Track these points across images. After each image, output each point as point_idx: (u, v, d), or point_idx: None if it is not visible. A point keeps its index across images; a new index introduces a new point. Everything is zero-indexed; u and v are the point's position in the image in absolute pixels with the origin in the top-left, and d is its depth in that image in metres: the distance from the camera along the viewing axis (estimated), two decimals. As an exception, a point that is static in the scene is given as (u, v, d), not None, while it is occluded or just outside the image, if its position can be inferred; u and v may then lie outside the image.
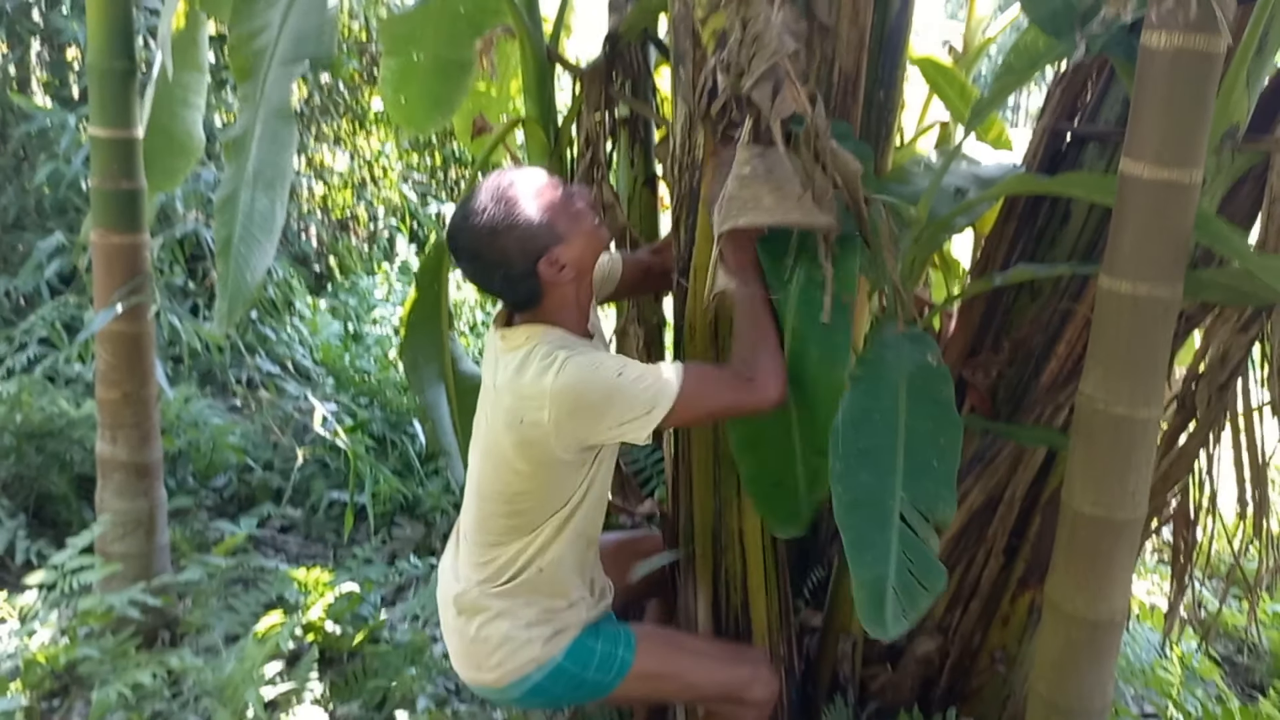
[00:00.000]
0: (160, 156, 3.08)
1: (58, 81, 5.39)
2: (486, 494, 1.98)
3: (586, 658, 2.02)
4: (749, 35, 1.91)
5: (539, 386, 1.81)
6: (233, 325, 1.94)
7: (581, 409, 1.81)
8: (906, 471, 1.70)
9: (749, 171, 1.82)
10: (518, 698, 2.05)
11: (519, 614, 1.99)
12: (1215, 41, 1.58)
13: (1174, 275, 1.64)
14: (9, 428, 3.73)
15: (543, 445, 1.85)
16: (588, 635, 2.03)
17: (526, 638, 1.98)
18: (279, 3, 2.05)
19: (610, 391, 1.81)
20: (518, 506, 1.95)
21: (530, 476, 1.91)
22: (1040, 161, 2.29)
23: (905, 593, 1.62)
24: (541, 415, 1.81)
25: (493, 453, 1.94)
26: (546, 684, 2.00)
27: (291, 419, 4.61)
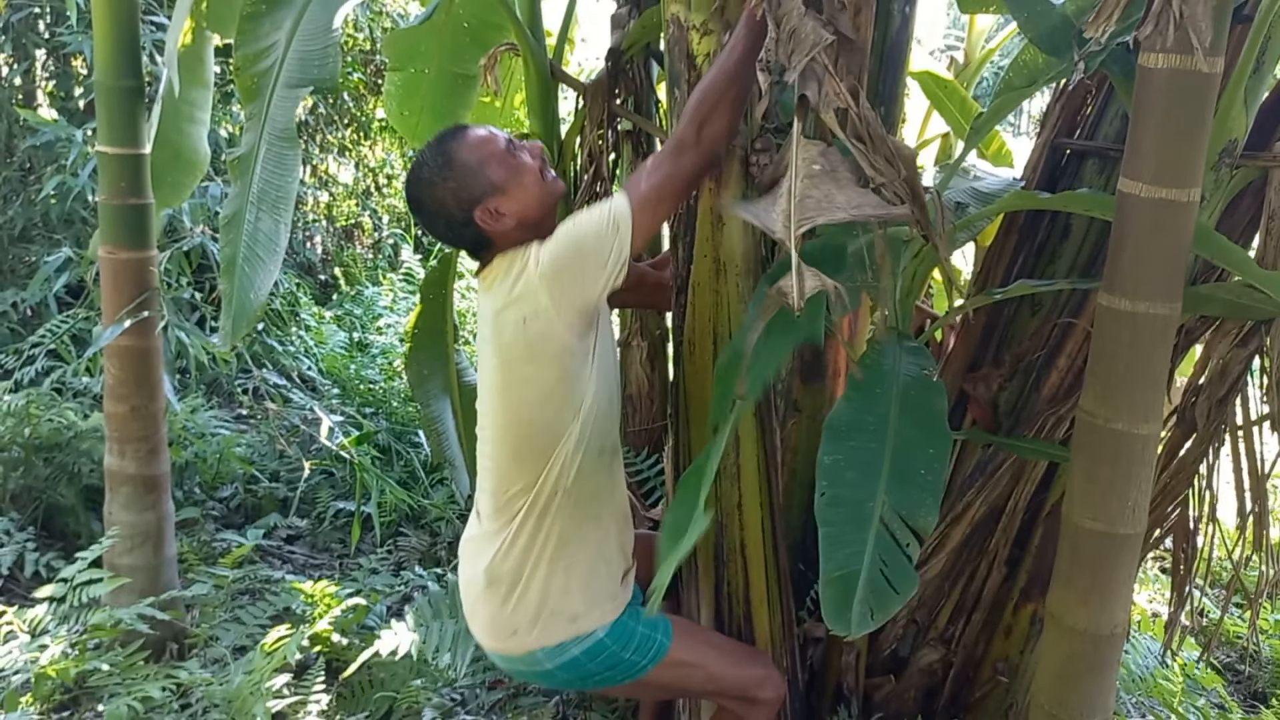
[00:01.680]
0: (167, 172, 3.11)
1: (63, 94, 5.42)
2: (501, 431, 1.99)
3: (627, 638, 2.02)
4: (784, 32, 1.91)
5: (527, 280, 1.86)
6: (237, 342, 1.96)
7: (565, 269, 1.85)
8: (892, 477, 1.71)
9: (818, 169, 1.81)
10: (550, 671, 2.04)
11: (554, 578, 1.98)
12: (1212, 61, 1.60)
13: (1172, 293, 1.66)
14: (17, 440, 3.75)
15: (550, 333, 1.87)
16: (629, 616, 2.04)
17: (563, 605, 1.98)
18: (284, 25, 2.07)
19: (576, 239, 1.86)
20: (537, 420, 1.95)
21: (541, 379, 1.92)
22: (1040, 176, 2.31)
23: (875, 594, 1.62)
24: (539, 301, 1.85)
25: (501, 387, 1.96)
26: (584, 659, 2.01)
27: (298, 430, 4.64)
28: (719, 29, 2.04)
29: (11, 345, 4.59)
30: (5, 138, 5.05)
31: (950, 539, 2.34)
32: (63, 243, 4.88)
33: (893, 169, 1.81)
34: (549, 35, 3.11)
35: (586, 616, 2.00)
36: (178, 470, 4.10)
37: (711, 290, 2.15)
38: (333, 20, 2.04)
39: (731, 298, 2.14)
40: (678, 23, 2.08)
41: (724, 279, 2.14)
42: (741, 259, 2.12)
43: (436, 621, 2.87)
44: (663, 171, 1.87)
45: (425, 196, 1.94)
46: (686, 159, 1.86)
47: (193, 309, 5.11)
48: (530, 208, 1.94)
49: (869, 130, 1.79)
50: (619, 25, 2.86)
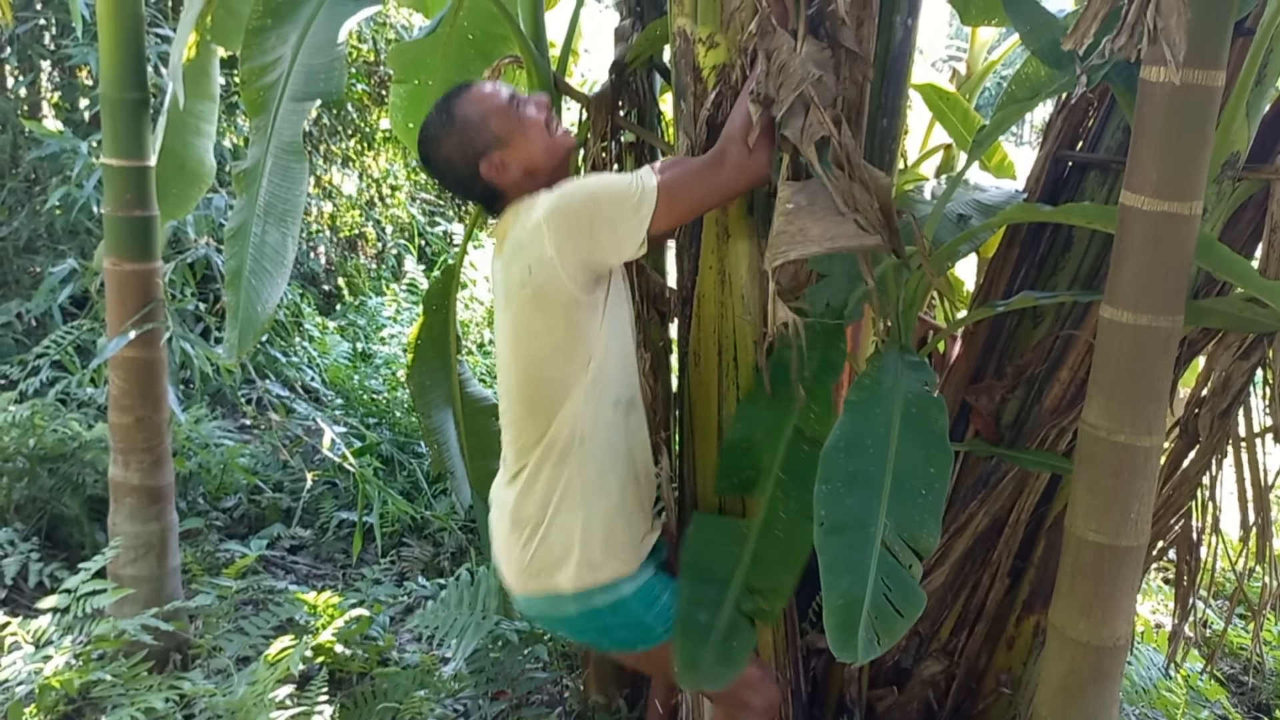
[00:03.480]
0: (172, 184, 3.12)
1: (69, 105, 5.45)
2: (515, 384, 2.01)
3: (651, 601, 2.03)
4: (774, 66, 1.94)
5: (533, 226, 1.87)
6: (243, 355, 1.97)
7: (573, 222, 1.85)
8: (893, 497, 1.71)
9: (792, 206, 1.85)
10: (571, 617, 2.05)
11: (574, 524, 1.98)
12: (1214, 75, 1.60)
13: (1175, 306, 1.66)
14: (22, 451, 3.76)
15: (555, 284, 1.87)
16: (658, 582, 2.06)
17: (584, 552, 1.98)
18: (289, 39, 2.08)
19: (594, 193, 1.87)
20: (547, 372, 1.96)
21: (550, 332, 1.93)
22: (1042, 188, 2.31)
23: (880, 618, 1.62)
24: (544, 249, 1.85)
25: (512, 339, 1.98)
26: (606, 612, 2.01)
27: (301, 441, 4.64)
28: (725, 42, 2.05)
29: (16, 356, 4.60)
30: (10, 149, 5.07)
31: (953, 551, 2.34)
32: (67, 254, 4.89)
33: (868, 196, 1.83)
34: (552, 47, 3.12)
35: (605, 566, 1.99)
36: (182, 481, 4.11)
37: (716, 302, 2.16)
38: (338, 34, 2.05)
39: (736, 310, 2.15)
40: (684, 35, 2.09)
41: (729, 291, 2.14)
42: (746, 271, 2.13)
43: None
44: (698, 177, 1.89)
45: (433, 153, 1.99)
46: (718, 174, 1.88)
47: (197, 320, 5.12)
48: (535, 159, 1.96)
49: (848, 158, 1.82)
50: (623, 38, 2.86)
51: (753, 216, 2.12)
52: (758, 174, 1.90)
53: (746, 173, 1.88)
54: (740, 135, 1.87)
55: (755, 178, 1.90)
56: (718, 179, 1.88)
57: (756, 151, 1.87)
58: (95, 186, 4.61)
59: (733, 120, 1.91)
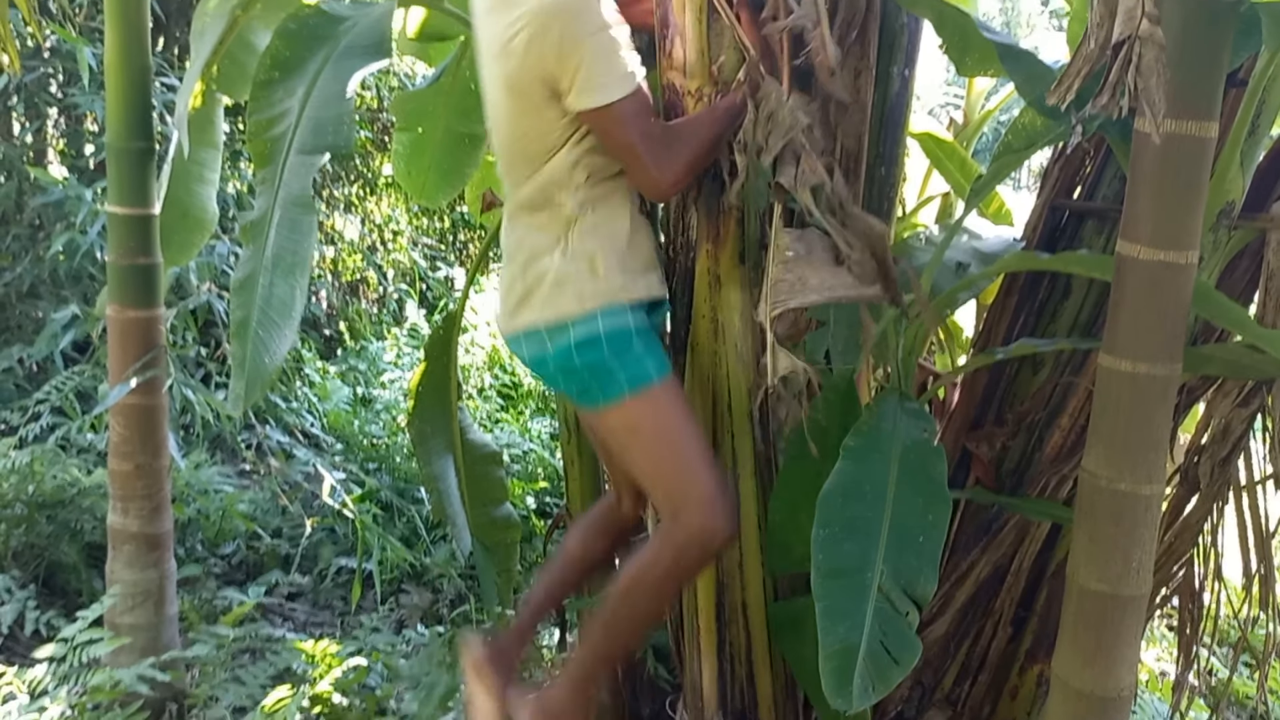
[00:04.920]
0: (176, 231, 3.14)
1: (74, 152, 5.49)
2: (499, 143, 2.02)
3: (621, 345, 1.96)
4: (762, 114, 1.97)
5: (514, 4, 1.83)
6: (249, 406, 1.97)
7: (554, 35, 1.80)
8: (890, 544, 1.71)
9: (791, 255, 1.87)
10: (544, 357, 2.01)
11: (567, 247, 1.96)
12: (1207, 126, 1.63)
13: (1173, 354, 1.67)
14: (21, 497, 3.75)
15: (519, 75, 1.85)
16: (635, 331, 1.98)
17: (574, 277, 1.94)
18: (297, 93, 2.11)
19: (589, 34, 1.82)
20: (527, 147, 1.96)
21: (521, 114, 1.92)
22: (1040, 236, 2.33)
23: (876, 666, 1.61)
24: (519, 35, 1.82)
25: (491, 97, 1.99)
26: (574, 351, 1.96)
27: (301, 488, 4.63)
28: (713, 94, 2.08)
29: (17, 401, 4.60)
30: (16, 195, 5.10)
31: (955, 599, 2.33)
32: (70, 299, 4.91)
33: (864, 245, 1.85)
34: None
35: (588, 297, 1.95)
36: (180, 527, 4.09)
37: (710, 351, 2.17)
38: (346, 88, 2.08)
39: (730, 358, 2.16)
40: (674, 89, 2.12)
41: (722, 339, 2.16)
42: (740, 320, 2.14)
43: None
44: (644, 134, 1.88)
45: None
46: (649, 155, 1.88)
47: (198, 365, 5.13)
48: None
49: (841, 206, 1.84)
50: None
51: (744, 265, 2.14)
52: (662, 194, 1.99)
53: (659, 181, 1.91)
54: (685, 158, 1.91)
55: (657, 193, 1.98)
56: (645, 155, 1.88)
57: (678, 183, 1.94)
58: (99, 233, 4.64)
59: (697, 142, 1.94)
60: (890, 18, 2.41)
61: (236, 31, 2.77)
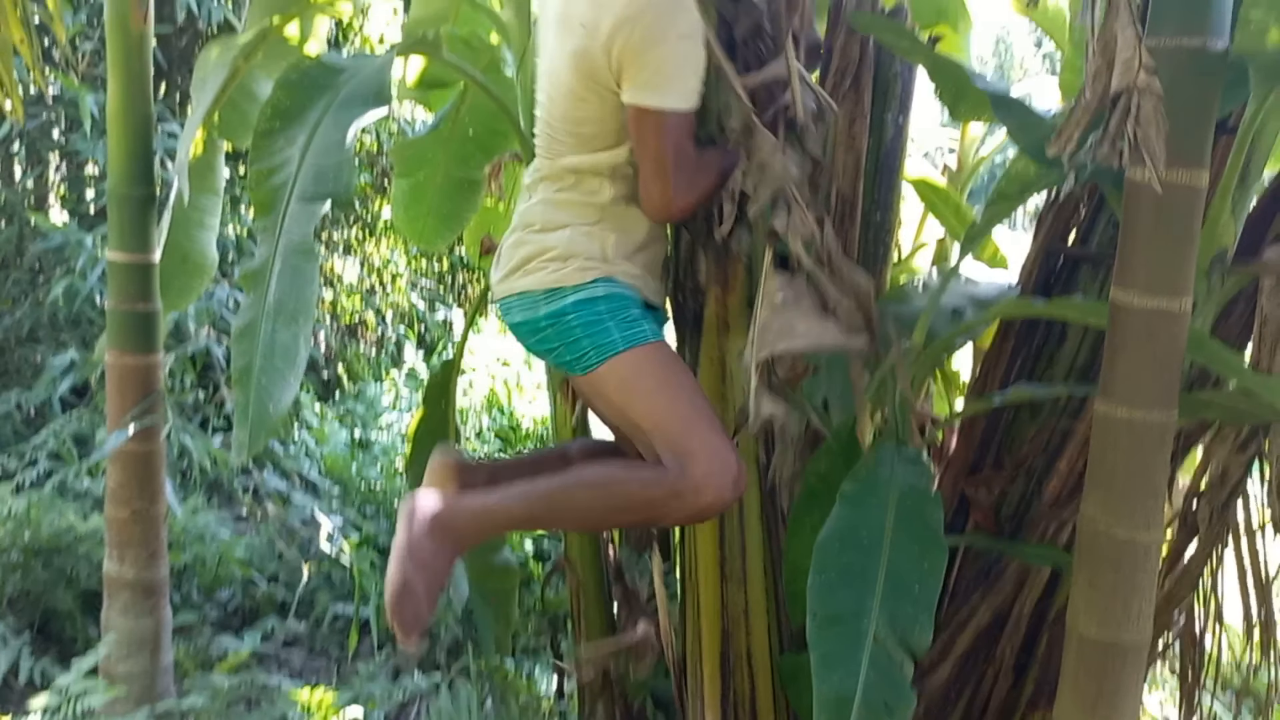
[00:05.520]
0: (175, 277, 3.15)
1: (75, 197, 5.52)
2: (549, 118, 1.97)
3: (618, 307, 1.91)
4: (754, 164, 1.99)
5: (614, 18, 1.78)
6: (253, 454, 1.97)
7: (643, 24, 1.77)
8: (886, 593, 1.71)
9: (780, 299, 1.88)
10: (538, 320, 1.96)
11: (586, 230, 1.93)
12: (1198, 175, 1.64)
13: (1168, 400, 1.67)
14: (17, 544, 3.73)
15: (592, 57, 1.82)
16: (632, 296, 1.94)
17: (582, 254, 1.91)
18: (298, 141, 2.12)
19: (676, 36, 1.79)
20: (579, 130, 1.92)
21: (582, 96, 1.88)
22: (1035, 282, 2.34)
23: (870, 715, 1.61)
24: (606, 15, 1.78)
25: (551, 72, 1.94)
26: (570, 310, 1.91)
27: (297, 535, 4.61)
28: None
29: (14, 446, 4.59)
30: (16, 240, 5.13)
31: (955, 646, 2.31)
32: (68, 344, 4.92)
33: (850, 296, 1.87)
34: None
35: (591, 270, 1.91)
36: (176, 573, 4.07)
37: (718, 395, 2.17)
38: (346, 136, 2.09)
39: (737, 403, 2.16)
40: None
41: (729, 384, 2.16)
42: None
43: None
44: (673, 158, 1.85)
45: None
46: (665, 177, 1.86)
47: (196, 410, 5.13)
48: None
49: (829, 257, 1.86)
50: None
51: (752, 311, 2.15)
52: (668, 213, 1.93)
53: (669, 207, 1.89)
54: (691, 189, 1.90)
55: (665, 210, 1.91)
56: (662, 176, 1.85)
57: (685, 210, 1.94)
58: (99, 278, 4.66)
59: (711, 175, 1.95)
60: (884, 65, 2.45)
61: (238, 80, 2.81)
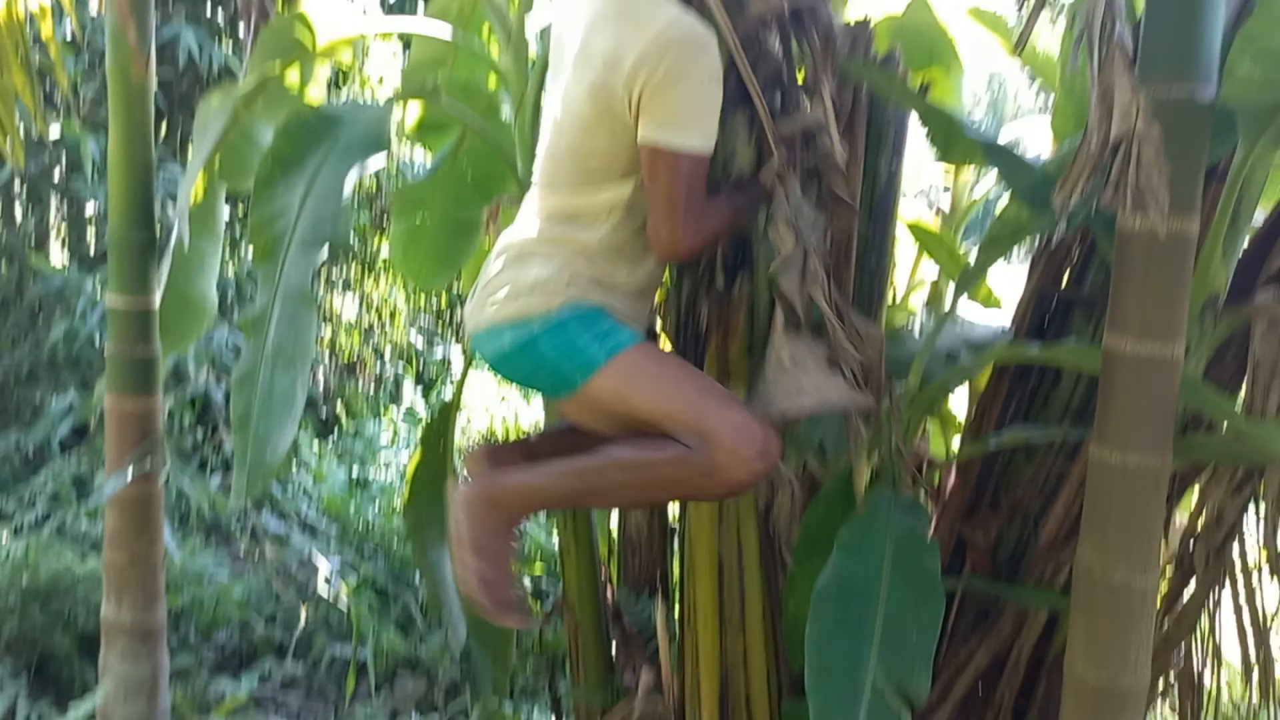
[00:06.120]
0: (175, 320, 3.16)
1: (76, 237, 5.55)
2: (557, 147, 1.92)
3: (589, 323, 1.85)
4: (781, 214, 2.02)
5: (644, 20, 1.76)
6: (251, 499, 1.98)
7: (668, 61, 1.73)
8: (883, 643, 1.71)
9: (787, 357, 1.89)
10: (508, 354, 1.90)
11: (560, 257, 1.87)
12: (1189, 222, 1.67)
13: (1163, 445, 1.69)
14: (15, 587, 3.73)
15: (610, 91, 1.78)
16: (600, 309, 1.87)
17: (556, 286, 1.85)
18: (298, 188, 2.15)
19: (700, 78, 1.77)
20: (585, 163, 1.88)
21: (595, 129, 1.83)
22: (1029, 324, 2.36)
23: None
24: (631, 50, 1.75)
25: (564, 103, 1.89)
26: (541, 339, 1.85)
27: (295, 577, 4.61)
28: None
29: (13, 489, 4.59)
30: (16, 281, 5.15)
31: (954, 690, 2.31)
32: (68, 384, 4.93)
33: (860, 350, 1.89)
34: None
35: (557, 295, 1.85)
36: (174, 614, 4.06)
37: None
38: (343, 183, 2.12)
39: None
40: None
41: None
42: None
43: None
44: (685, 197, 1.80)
45: None
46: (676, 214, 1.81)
47: (195, 449, 5.13)
48: None
49: (838, 311, 1.88)
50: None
51: (753, 358, 2.16)
52: (676, 254, 1.87)
53: (674, 240, 1.83)
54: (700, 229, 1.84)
55: (672, 250, 1.86)
56: (673, 213, 1.80)
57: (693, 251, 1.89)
58: (99, 320, 4.67)
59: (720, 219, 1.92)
60: (877, 112, 2.47)
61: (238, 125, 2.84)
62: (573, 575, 2.89)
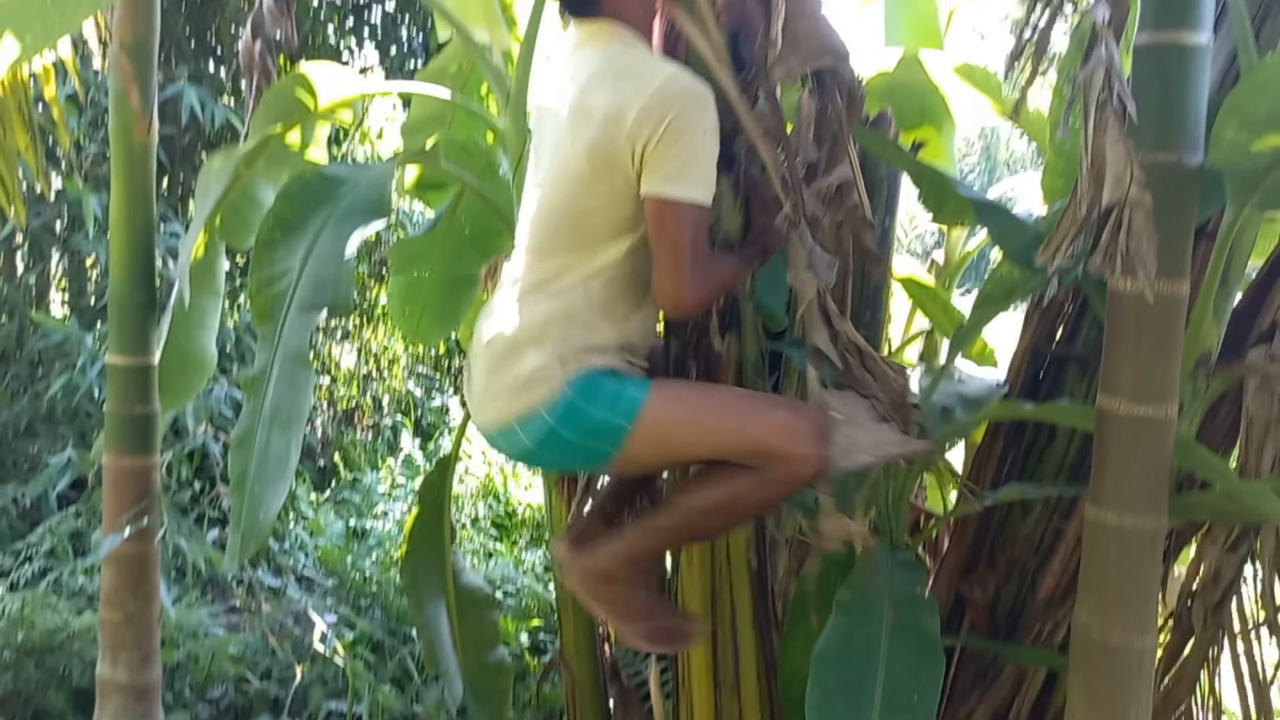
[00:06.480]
0: (174, 376, 3.17)
1: (76, 290, 5.57)
2: (549, 209, 1.88)
3: (594, 392, 1.82)
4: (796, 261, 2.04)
5: (645, 76, 1.76)
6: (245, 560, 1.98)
7: (671, 115, 1.74)
8: (884, 705, 1.70)
9: (840, 418, 1.88)
10: (531, 449, 1.87)
11: (550, 338, 1.83)
12: (1179, 284, 1.69)
13: (1157, 505, 1.70)
14: (10, 643, 3.71)
15: (612, 146, 1.77)
16: (600, 373, 1.84)
17: (552, 370, 1.82)
18: (299, 250, 2.17)
19: (702, 131, 1.77)
20: (581, 222, 1.85)
21: (593, 186, 1.82)
22: (1023, 381, 2.38)
23: None
24: (632, 106, 1.75)
25: (559, 164, 1.87)
26: (557, 426, 1.81)
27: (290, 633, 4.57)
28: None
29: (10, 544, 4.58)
30: (16, 334, 5.16)
31: (955, 750, 2.31)
32: (66, 438, 4.92)
33: (888, 388, 1.91)
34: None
35: (556, 379, 1.82)
36: (169, 670, 4.02)
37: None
38: (345, 247, 2.13)
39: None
40: None
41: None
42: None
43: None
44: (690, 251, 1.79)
45: None
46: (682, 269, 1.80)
47: (193, 503, 5.12)
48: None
49: (867, 363, 1.89)
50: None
51: None
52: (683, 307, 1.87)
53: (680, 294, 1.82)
54: (707, 283, 1.84)
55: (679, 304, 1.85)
56: (677, 268, 1.79)
57: (699, 304, 1.90)
58: (98, 374, 4.68)
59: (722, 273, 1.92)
60: (870, 170, 2.51)
61: (240, 185, 2.87)
62: (570, 631, 2.88)
